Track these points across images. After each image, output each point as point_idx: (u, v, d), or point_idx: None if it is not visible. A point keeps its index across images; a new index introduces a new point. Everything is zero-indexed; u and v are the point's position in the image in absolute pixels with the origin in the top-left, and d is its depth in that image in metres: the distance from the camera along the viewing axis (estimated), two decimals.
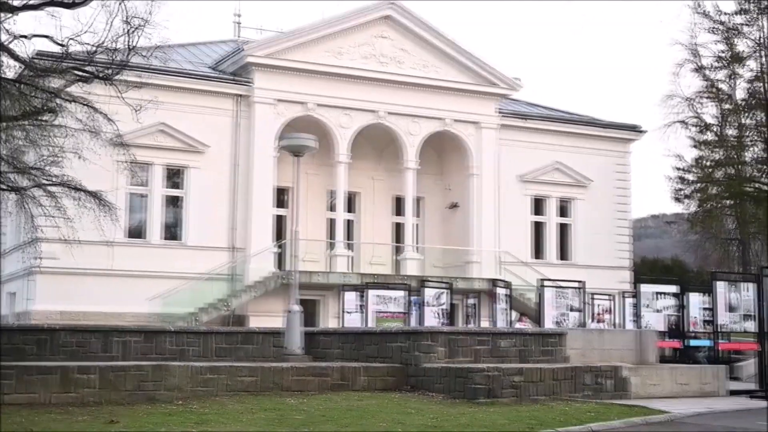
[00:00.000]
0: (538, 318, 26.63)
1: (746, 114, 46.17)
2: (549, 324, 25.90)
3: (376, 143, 40.62)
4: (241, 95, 36.85)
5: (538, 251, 42.44)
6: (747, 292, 21.56)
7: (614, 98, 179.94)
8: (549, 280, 27.72)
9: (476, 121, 40.26)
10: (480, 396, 16.51)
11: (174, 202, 36.54)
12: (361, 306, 28.80)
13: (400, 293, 28.90)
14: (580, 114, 45.26)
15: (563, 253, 42.96)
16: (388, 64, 38.86)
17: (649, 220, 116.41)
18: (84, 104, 20.52)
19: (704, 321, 25.88)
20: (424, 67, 39.52)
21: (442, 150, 41.95)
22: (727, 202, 49.01)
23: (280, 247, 37.46)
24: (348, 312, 29.49)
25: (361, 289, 29.44)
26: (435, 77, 39.51)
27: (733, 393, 20.35)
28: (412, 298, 28.53)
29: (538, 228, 42.68)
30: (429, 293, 27.56)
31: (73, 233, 23.99)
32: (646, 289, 23.62)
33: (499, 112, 41.16)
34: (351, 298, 29.72)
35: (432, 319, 27.53)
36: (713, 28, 48.70)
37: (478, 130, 40.33)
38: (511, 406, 16.39)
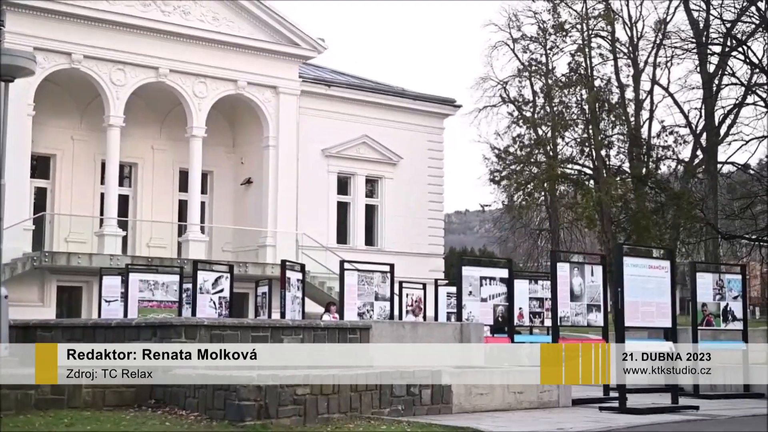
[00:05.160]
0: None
1: (568, 90, 42.97)
2: (352, 316, 21.15)
3: (158, 107, 35.01)
4: None
5: (343, 235, 37.86)
6: (593, 277, 17.29)
7: (432, 78, 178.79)
8: (351, 262, 22.95)
9: (274, 86, 35.16)
10: (248, 416, 11.62)
11: None
12: (122, 293, 23.45)
13: (173, 278, 23.62)
14: (391, 85, 41.00)
15: (370, 238, 38.55)
16: (171, 13, 33.25)
17: (453, 216, 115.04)
18: None
19: (532, 313, 21.87)
20: (215, 20, 34.12)
21: (235, 117, 36.76)
22: (544, 185, 45.83)
23: (35, 223, 31.47)
24: (107, 300, 24.06)
25: (124, 273, 24.03)
26: (227, 32, 34.14)
27: (577, 402, 16.18)
28: (187, 284, 23.36)
29: (343, 209, 38.10)
30: (204, 278, 22.40)
31: None
32: (469, 272, 19.15)
33: (301, 78, 36.28)
34: (112, 283, 24.37)
35: (209, 310, 22.38)
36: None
37: (276, 96, 35.26)
38: (293, 429, 11.61)
